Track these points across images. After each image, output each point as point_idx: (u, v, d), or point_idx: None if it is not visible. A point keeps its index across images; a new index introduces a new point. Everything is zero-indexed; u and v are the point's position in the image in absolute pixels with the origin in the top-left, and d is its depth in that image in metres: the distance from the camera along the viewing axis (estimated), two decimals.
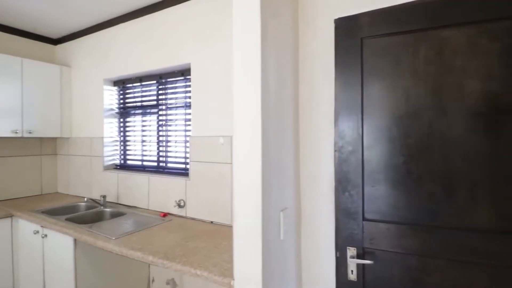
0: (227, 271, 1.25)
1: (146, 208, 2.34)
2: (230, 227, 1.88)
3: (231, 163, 1.89)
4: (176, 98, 2.37)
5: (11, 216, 2.27)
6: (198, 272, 1.27)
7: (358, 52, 1.27)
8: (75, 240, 1.83)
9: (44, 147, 3.02)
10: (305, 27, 1.46)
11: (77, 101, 2.89)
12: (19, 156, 2.82)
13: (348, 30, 1.30)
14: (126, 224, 1.97)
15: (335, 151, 1.34)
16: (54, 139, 3.09)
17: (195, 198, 2.07)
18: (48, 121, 2.75)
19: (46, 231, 2.00)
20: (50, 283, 2.00)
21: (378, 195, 1.24)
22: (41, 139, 2.98)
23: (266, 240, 1.13)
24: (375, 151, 1.25)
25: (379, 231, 1.23)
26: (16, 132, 2.52)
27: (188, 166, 2.22)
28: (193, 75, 2.11)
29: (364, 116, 1.26)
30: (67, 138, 2.97)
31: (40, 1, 2.25)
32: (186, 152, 2.28)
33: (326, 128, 1.40)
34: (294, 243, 1.39)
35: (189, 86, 2.22)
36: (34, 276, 2.11)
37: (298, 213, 1.45)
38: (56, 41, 3.10)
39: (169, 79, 2.39)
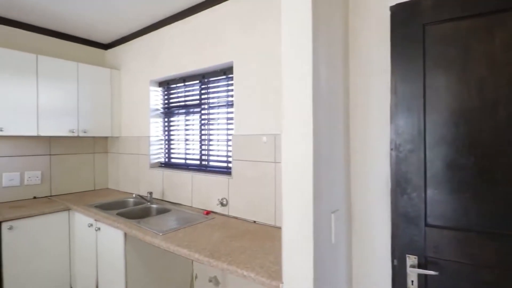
0: (275, 273, 1.20)
1: (190, 205, 2.38)
2: (273, 227, 1.84)
3: (275, 162, 1.85)
4: (218, 97, 2.38)
5: (68, 209, 2.44)
6: (245, 273, 1.24)
7: (419, 40, 1.15)
8: (125, 234, 1.91)
9: (97, 145, 3.22)
10: (356, 14, 1.37)
11: (126, 102, 3.05)
12: (75, 154, 3.05)
13: (407, 16, 1.19)
14: (171, 220, 2.02)
15: (391, 149, 1.24)
16: (105, 138, 3.29)
17: (237, 197, 2.06)
18: (100, 121, 2.93)
19: (99, 224, 2.12)
20: (102, 272, 2.11)
21: (443, 198, 1.12)
22: (94, 138, 3.19)
23: (317, 243, 1.06)
24: (440, 150, 1.12)
25: (444, 238, 1.11)
26: (73, 132, 2.72)
27: (230, 165, 2.23)
28: (235, 73, 2.10)
29: (426, 111, 1.14)
30: (117, 137, 3.14)
31: (93, 10, 2.39)
32: (228, 151, 2.29)
33: (380, 124, 1.30)
34: (345, 247, 1.31)
35: (231, 84, 2.22)
36: (89, 265, 2.24)
37: (349, 215, 1.37)
38: (106, 46, 3.30)
39: (211, 79, 2.41)
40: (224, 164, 2.32)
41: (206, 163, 2.47)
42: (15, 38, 2.64)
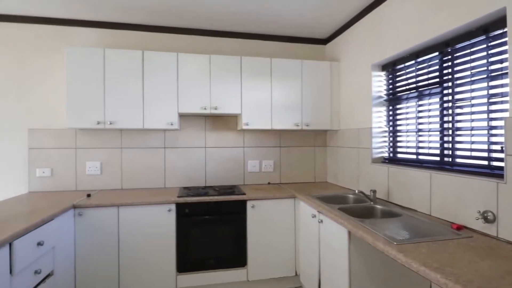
0: None
1: (427, 213, 1.86)
2: None
3: None
4: (471, 68, 1.71)
5: (294, 197, 2.60)
6: None
7: None
8: (349, 233, 1.72)
9: (317, 139, 3.32)
10: None
11: (345, 94, 2.91)
12: (298, 147, 3.27)
13: None
14: (402, 228, 1.62)
15: None
16: (324, 132, 3.33)
17: None
18: (320, 114, 2.96)
19: (321, 216, 2.07)
20: (324, 267, 2.04)
21: None
22: (314, 131, 3.30)
23: None
24: None
25: None
26: (297, 125, 2.89)
27: (498, 163, 1.52)
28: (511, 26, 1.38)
29: None
30: (336, 131, 3.08)
31: (311, 9, 2.39)
32: (491, 143, 1.58)
33: None
34: None
35: (498, 46, 1.51)
36: (311, 255, 2.26)
37: None
38: (325, 41, 3.32)
39: (459, 45, 1.77)
40: (484, 162, 1.62)
41: (450, 159, 1.85)
42: (255, 48, 3.15)
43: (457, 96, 1.81)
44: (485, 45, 1.62)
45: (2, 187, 2.65)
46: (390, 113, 2.44)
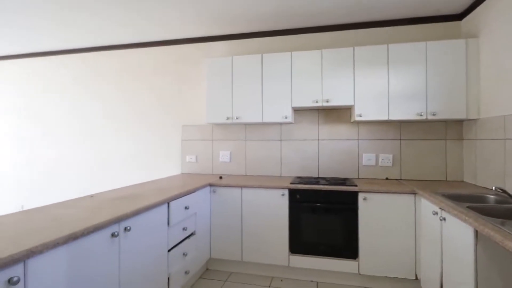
0: None
1: None
2: None
3: None
4: None
5: (414, 193, 2.36)
6: None
7: None
8: (476, 232, 1.48)
9: (449, 130, 2.86)
10: None
11: (486, 75, 2.41)
12: (424, 140, 2.91)
13: None
14: None
15: None
16: (459, 122, 2.84)
17: None
18: (452, 101, 2.55)
19: (444, 214, 1.83)
20: (447, 269, 1.80)
21: None
22: (445, 122, 2.86)
23: None
24: None
25: None
26: (421, 115, 2.60)
27: None
28: None
29: None
30: (475, 120, 2.58)
31: None
32: None
33: None
34: None
35: None
36: (433, 256, 2.02)
37: None
38: (460, 16, 2.82)
39: None
40: None
41: None
42: (368, 36, 3.02)
43: None
44: None
45: (165, 168, 3.57)
46: None
